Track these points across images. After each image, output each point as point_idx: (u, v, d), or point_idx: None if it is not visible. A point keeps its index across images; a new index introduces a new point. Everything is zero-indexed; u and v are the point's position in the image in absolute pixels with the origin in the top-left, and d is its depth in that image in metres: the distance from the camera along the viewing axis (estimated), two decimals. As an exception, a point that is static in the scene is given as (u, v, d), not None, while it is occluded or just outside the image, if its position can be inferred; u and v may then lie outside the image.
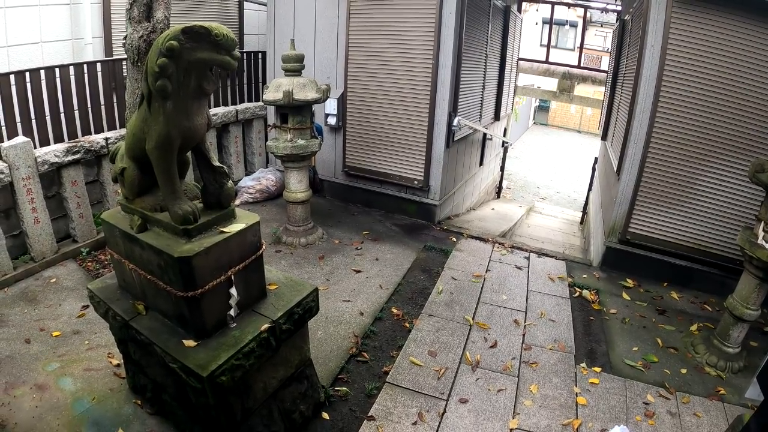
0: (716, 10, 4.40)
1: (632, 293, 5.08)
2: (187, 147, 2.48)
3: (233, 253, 2.56)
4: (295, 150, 5.20)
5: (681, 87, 4.70)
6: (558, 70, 13.47)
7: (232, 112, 7.05)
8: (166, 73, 2.12)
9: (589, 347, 4.20)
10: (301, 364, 3.11)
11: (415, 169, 6.43)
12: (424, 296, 4.78)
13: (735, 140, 4.63)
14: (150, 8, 4.15)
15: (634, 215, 5.21)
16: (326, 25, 6.53)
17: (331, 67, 6.67)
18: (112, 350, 3.64)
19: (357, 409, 3.36)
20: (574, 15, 20.80)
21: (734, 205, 4.78)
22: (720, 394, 3.70)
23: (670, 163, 4.91)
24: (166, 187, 2.41)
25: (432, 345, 4.03)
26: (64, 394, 3.30)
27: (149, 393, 3.13)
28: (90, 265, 5.04)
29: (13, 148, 4.52)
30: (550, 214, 11.33)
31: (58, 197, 5.21)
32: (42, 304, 4.37)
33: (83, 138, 5.36)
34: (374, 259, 5.44)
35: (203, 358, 2.40)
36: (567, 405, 3.49)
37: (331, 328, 4.17)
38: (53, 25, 6.01)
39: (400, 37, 5.99)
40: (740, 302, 3.83)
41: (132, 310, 2.78)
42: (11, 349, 3.75)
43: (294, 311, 2.81)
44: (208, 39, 2.12)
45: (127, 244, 2.65)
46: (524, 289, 5.04)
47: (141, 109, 2.35)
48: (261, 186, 6.93)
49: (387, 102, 6.33)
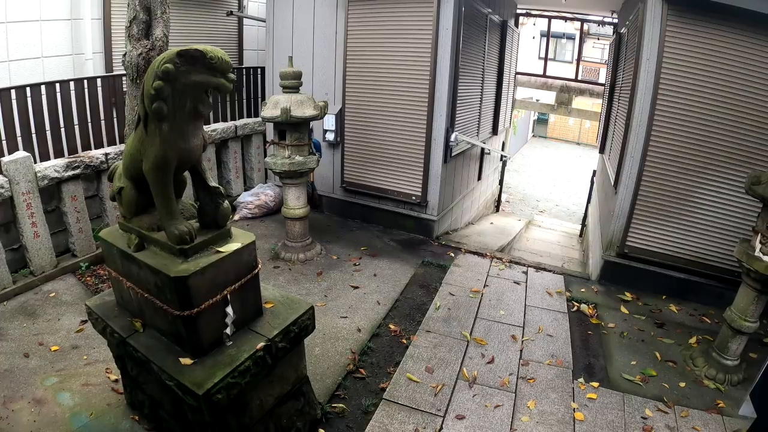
0: (711, 22, 4.45)
1: (631, 307, 5.08)
2: (184, 168, 2.51)
3: (229, 272, 2.58)
4: (293, 167, 5.22)
5: (677, 100, 4.74)
6: (555, 83, 13.53)
7: (231, 127, 7.09)
8: (162, 96, 2.14)
9: (587, 362, 4.20)
10: (298, 381, 3.11)
11: (412, 184, 6.45)
12: (421, 312, 4.78)
13: (731, 153, 4.66)
14: (149, 26, 4.20)
15: (632, 228, 5.23)
16: (324, 42, 6.59)
17: (329, 83, 6.71)
18: (110, 365, 3.65)
19: (354, 425, 3.35)
20: (571, 28, 20.90)
21: (731, 218, 4.81)
22: (719, 407, 3.70)
23: (667, 176, 4.94)
24: (163, 208, 2.42)
25: (429, 361, 4.03)
26: (62, 408, 3.31)
27: (146, 409, 3.13)
28: (89, 280, 5.05)
29: (13, 162, 4.56)
30: (549, 227, 11.33)
31: (57, 212, 5.24)
32: (41, 318, 4.39)
33: (83, 153, 5.40)
34: (372, 275, 5.45)
35: (199, 376, 2.41)
36: (564, 421, 3.49)
37: (329, 345, 4.18)
38: (54, 40, 6.06)
39: (397, 53, 6.04)
40: (738, 315, 3.84)
41: (130, 327, 2.80)
42: (10, 362, 3.77)
43: (290, 329, 2.82)
44: (203, 62, 2.16)
45: (125, 262, 2.67)
46: (522, 304, 5.04)
47: (138, 130, 2.38)
48: (260, 201, 6.95)
49: (385, 118, 6.36)
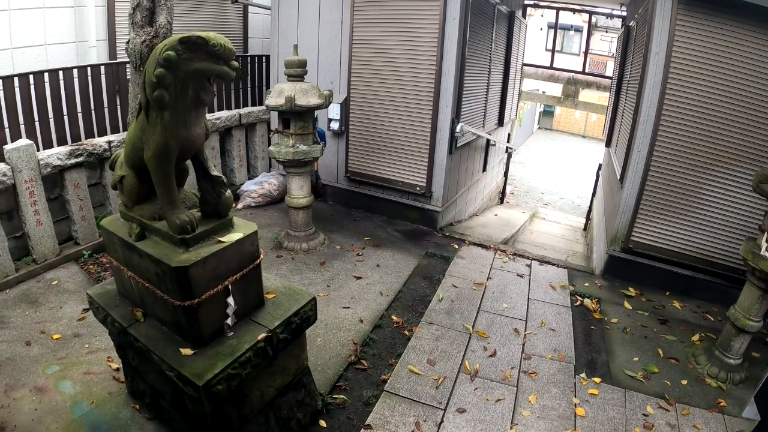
0: (722, 16, 4.38)
1: (634, 302, 5.05)
2: (185, 156, 2.48)
3: (231, 262, 2.56)
4: (296, 156, 5.19)
5: (686, 94, 4.68)
6: (562, 75, 13.44)
7: (235, 116, 7.06)
8: (164, 84, 2.11)
9: (589, 357, 4.18)
10: (299, 372, 3.10)
11: (417, 175, 6.42)
12: (424, 304, 4.77)
13: (740, 149, 4.61)
14: (153, 13, 4.17)
15: (637, 224, 5.19)
16: (330, 30, 6.54)
17: (335, 72, 6.67)
18: (111, 354, 3.66)
19: (354, 417, 3.35)
20: (579, 20, 20.74)
21: (738, 215, 4.76)
22: (720, 406, 3.67)
23: (674, 172, 4.89)
24: (164, 197, 2.40)
25: (431, 353, 4.02)
26: (63, 397, 3.31)
27: (147, 398, 3.13)
28: (91, 268, 5.05)
29: (15, 150, 4.54)
30: (553, 220, 11.27)
31: (60, 200, 5.22)
32: (43, 307, 4.39)
33: (86, 141, 5.38)
34: (375, 266, 5.43)
35: (200, 367, 2.39)
36: (565, 416, 3.47)
37: (331, 335, 4.17)
38: (57, 27, 6.02)
39: (403, 43, 5.99)
40: (742, 313, 3.80)
41: (130, 316, 2.79)
42: (11, 351, 3.77)
43: (291, 320, 2.80)
44: (205, 49, 2.11)
45: (126, 251, 2.65)
46: (525, 297, 5.02)
47: (139, 118, 2.35)
48: (263, 190, 6.94)
49: (390, 108, 6.32)
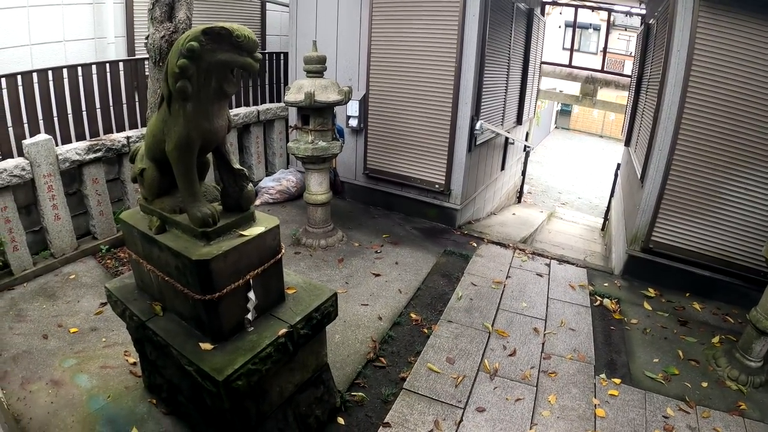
0: (745, 13, 4.28)
1: (654, 303, 4.97)
2: (207, 149, 2.46)
3: (252, 256, 2.54)
4: (316, 152, 5.17)
5: (708, 93, 4.58)
6: (581, 74, 13.29)
7: (253, 112, 7.08)
8: (187, 75, 2.09)
9: (609, 358, 4.11)
10: (318, 369, 3.08)
11: (436, 172, 6.38)
12: (443, 302, 4.73)
13: (762, 149, 4.50)
14: (172, 8, 4.17)
15: (658, 223, 5.10)
16: (348, 27, 6.51)
17: (353, 69, 6.65)
18: (128, 348, 3.66)
19: (373, 415, 3.32)
20: (597, 18, 20.57)
21: (760, 216, 4.65)
22: (741, 409, 3.60)
23: (696, 171, 4.79)
24: (186, 189, 2.39)
25: (450, 352, 3.98)
26: (79, 390, 3.32)
27: (164, 393, 3.13)
28: (109, 263, 5.07)
29: (34, 145, 4.58)
30: (571, 220, 11.17)
31: (78, 194, 5.26)
32: (60, 300, 4.42)
33: (105, 136, 5.41)
34: (394, 263, 5.40)
35: (219, 362, 2.38)
36: (585, 417, 3.42)
37: (349, 333, 4.14)
38: (76, 24, 6.05)
39: (422, 40, 5.95)
40: (764, 315, 3.71)
41: (149, 310, 2.78)
42: (29, 344, 3.80)
43: (312, 316, 2.78)
44: (229, 40, 2.09)
45: (146, 245, 2.65)
46: (544, 296, 4.96)
47: (161, 110, 2.33)
48: (281, 187, 6.93)
49: (409, 105, 6.28)
